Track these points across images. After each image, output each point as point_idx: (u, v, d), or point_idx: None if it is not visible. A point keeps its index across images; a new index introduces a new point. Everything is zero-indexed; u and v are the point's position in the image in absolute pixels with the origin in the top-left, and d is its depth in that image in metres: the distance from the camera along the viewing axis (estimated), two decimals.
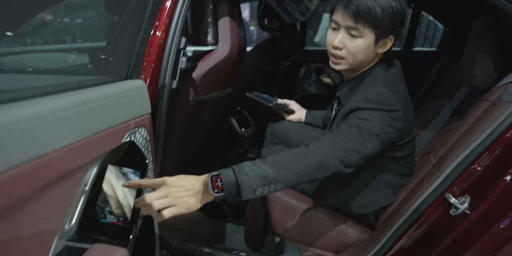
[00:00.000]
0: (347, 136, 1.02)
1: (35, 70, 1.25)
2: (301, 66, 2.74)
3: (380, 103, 1.05)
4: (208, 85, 1.42)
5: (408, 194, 1.15)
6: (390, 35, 1.11)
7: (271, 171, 0.92)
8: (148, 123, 0.98)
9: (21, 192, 0.58)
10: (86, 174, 0.77)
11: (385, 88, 1.08)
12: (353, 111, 1.07)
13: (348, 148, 1.00)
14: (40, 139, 0.60)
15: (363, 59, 1.13)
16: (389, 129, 1.06)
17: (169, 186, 0.87)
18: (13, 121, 0.56)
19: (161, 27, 1.10)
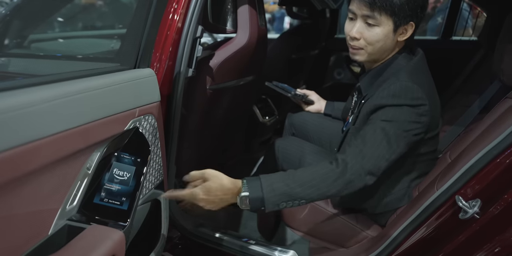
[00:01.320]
0: (374, 144, 0.99)
1: (57, 56, 1.31)
2: (331, 55, 2.67)
3: (405, 98, 1.02)
4: (226, 73, 1.42)
5: (420, 193, 1.10)
6: (410, 21, 1.06)
7: (298, 189, 0.95)
8: (156, 111, 1.01)
9: (25, 168, 0.62)
10: (89, 158, 0.81)
11: (410, 82, 1.04)
12: (377, 108, 1.04)
13: (376, 157, 0.99)
14: (35, 124, 0.63)
15: (382, 48, 1.09)
16: (415, 126, 1.02)
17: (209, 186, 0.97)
18: (17, 106, 0.60)
19: (179, 11, 1.11)
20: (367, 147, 0.99)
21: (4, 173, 0.57)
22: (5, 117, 0.57)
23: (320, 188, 0.95)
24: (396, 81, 1.05)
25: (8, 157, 0.57)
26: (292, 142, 1.47)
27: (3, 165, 0.57)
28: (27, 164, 0.61)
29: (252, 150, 2.13)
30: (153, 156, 1.03)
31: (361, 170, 0.97)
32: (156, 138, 1.04)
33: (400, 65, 1.11)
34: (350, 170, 0.97)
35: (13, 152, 0.57)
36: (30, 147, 0.60)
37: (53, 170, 0.69)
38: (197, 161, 1.59)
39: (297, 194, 0.95)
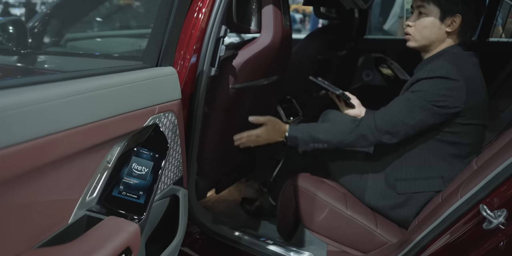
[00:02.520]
0: (395, 109, 1.14)
1: (87, 54, 1.37)
2: (360, 56, 2.61)
3: (439, 72, 1.10)
4: (249, 73, 1.43)
5: (443, 200, 1.06)
6: (457, 13, 1.15)
7: (321, 135, 1.23)
8: (177, 108, 1.03)
9: (45, 159, 0.65)
10: (109, 152, 0.84)
11: (447, 61, 1.12)
12: (413, 83, 1.15)
13: (392, 118, 1.13)
14: (59, 116, 0.66)
15: (429, 36, 1.20)
16: (441, 98, 1.09)
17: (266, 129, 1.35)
18: (39, 99, 0.63)
19: (203, 10, 1.13)
20: (388, 110, 1.15)
21: (24, 163, 0.60)
22: (29, 109, 0.60)
23: (337, 136, 1.21)
24: (436, 60, 1.15)
25: (29, 147, 0.60)
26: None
27: (24, 156, 0.60)
28: (47, 154, 0.64)
29: (275, 150, 2.12)
30: (172, 153, 1.05)
31: (373, 127, 1.15)
32: (176, 135, 1.06)
33: (449, 53, 1.19)
34: (364, 126, 1.17)
35: (34, 143, 0.60)
36: (50, 139, 0.63)
37: (73, 162, 0.72)
38: (219, 159, 1.61)
39: (320, 139, 1.23)
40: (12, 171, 0.58)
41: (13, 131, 0.57)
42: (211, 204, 1.91)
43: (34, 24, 1.56)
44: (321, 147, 1.26)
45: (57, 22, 1.65)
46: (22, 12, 5.57)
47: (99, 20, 2.27)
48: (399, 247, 1.13)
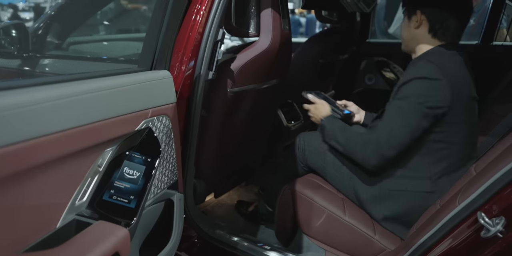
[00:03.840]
0: (393, 125, 1.15)
1: (85, 57, 1.37)
2: (363, 59, 2.60)
3: (419, 73, 1.13)
4: (247, 76, 1.42)
5: (442, 207, 1.04)
6: (417, 9, 1.21)
7: (341, 140, 1.28)
8: (171, 112, 1.02)
9: (31, 162, 0.65)
10: (101, 156, 0.84)
11: (429, 62, 1.14)
12: (399, 87, 1.18)
13: (397, 136, 1.14)
14: (50, 118, 0.66)
15: (405, 37, 1.28)
16: (427, 99, 1.11)
17: (316, 109, 1.46)
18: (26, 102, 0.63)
19: (201, 11, 1.13)
20: (386, 128, 1.16)
21: (10, 165, 0.59)
22: (16, 112, 0.60)
23: (350, 148, 1.25)
24: (418, 62, 1.18)
25: (16, 150, 0.60)
26: (316, 134, 1.50)
27: (10, 158, 0.59)
28: (35, 157, 0.63)
29: (276, 154, 2.11)
30: (166, 156, 1.04)
31: (380, 151, 1.16)
32: (171, 139, 1.05)
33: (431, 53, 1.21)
34: (372, 143, 1.17)
35: (21, 146, 0.60)
36: (38, 141, 0.63)
37: (62, 165, 0.72)
38: (218, 163, 1.60)
39: (339, 141, 1.28)
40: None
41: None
42: (210, 208, 1.90)
43: (38, 27, 1.57)
44: (335, 147, 1.31)
45: (57, 26, 1.66)
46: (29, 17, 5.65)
47: (100, 24, 2.29)
48: (397, 254, 1.11)
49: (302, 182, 1.42)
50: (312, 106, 1.48)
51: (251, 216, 1.79)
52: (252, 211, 1.82)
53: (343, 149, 1.27)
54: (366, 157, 1.19)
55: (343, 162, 1.40)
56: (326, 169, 1.43)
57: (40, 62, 1.43)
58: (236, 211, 1.86)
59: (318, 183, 1.43)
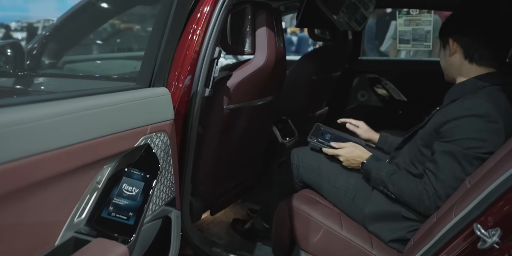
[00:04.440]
0: (449, 171, 1.10)
1: (83, 75, 1.39)
2: (355, 76, 2.65)
3: (477, 111, 1.08)
4: (243, 93, 1.45)
5: (438, 220, 1.05)
6: (449, 37, 1.21)
7: (391, 187, 1.22)
8: (169, 129, 1.03)
9: (31, 179, 0.65)
10: (99, 173, 0.84)
11: (485, 100, 1.09)
12: (449, 120, 1.11)
13: (448, 183, 1.10)
14: (50, 135, 0.67)
15: (443, 65, 1.28)
16: (477, 144, 1.06)
17: (351, 152, 1.37)
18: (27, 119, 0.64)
19: (197, 32, 1.16)
20: (441, 174, 1.11)
21: (10, 182, 0.60)
22: (16, 129, 0.61)
23: (403, 195, 1.19)
24: (473, 97, 1.12)
25: (16, 167, 0.60)
26: (309, 150, 1.51)
27: (10, 175, 0.60)
28: (35, 174, 0.64)
29: (271, 171, 2.12)
30: (165, 173, 1.04)
31: (436, 197, 1.11)
32: (169, 155, 1.06)
33: (480, 85, 1.16)
34: (428, 197, 1.13)
35: (21, 163, 0.60)
36: (38, 158, 0.63)
37: (61, 182, 0.72)
38: (214, 180, 1.60)
39: (389, 188, 1.23)
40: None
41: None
42: (206, 226, 1.88)
43: (33, 47, 1.59)
44: (385, 192, 1.26)
45: (53, 45, 1.68)
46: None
47: (94, 43, 2.33)
48: None
49: (299, 198, 1.42)
50: (343, 151, 1.38)
51: (248, 233, 1.77)
52: (248, 228, 1.81)
53: (394, 197, 1.22)
54: (425, 209, 1.14)
55: (337, 178, 1.41)
56: (322, 185, 1.43)
57: (38, 80, 1.44)
58: (232, 229, 1.84)
59: (315, 199, 1.43)
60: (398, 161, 1.32)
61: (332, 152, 1.41)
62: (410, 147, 1.30)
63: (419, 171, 1.22)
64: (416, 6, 2.16)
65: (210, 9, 1.19)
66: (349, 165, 1.39)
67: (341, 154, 1.38)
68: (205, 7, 1.19)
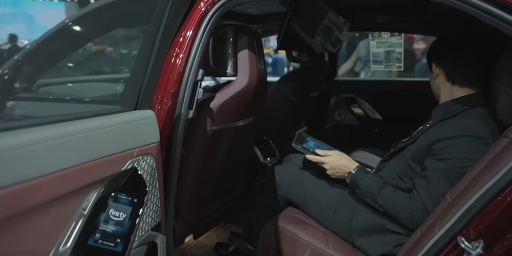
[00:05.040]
0: (439, 187, 1.13)
1: (63, 99, 1.36)
2: (332, 96, 2.73)
3: (472, 131, 1.12)
4: (226, 115, 1.46)
5: (422, 235, 1.07)
6: (434, 63, 1.29)
7: (380, 201, 1.23)
8: (155, 151, 1.02)
9: (15, 209, 0.62)
10: (86, 198, 0.82)
11: (479, 121, 1.14)
12: (443, 139, 1.15)
13: (437, 198, 1.13)
14: (36, 162, 0.65)
15: (432, 88, 1.35)
16: (469, 163, 1.10)
17: (337, 160, 1.35)
18: (14, 146, 0.62)
19: (180, 55, 1.17)
20: (432, 190, 1.14)
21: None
22: (3, 156, 0.59)
23: (393, 210, 1.21)
24: (465, 117, 1.17)
25: (5, 194, 0.58)
26: (292, 166, 1.54)
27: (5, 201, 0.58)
28: (23, 202, 0.62)
29: (253, 192, 2.11)
30: (151, 197, 1.03)
31: (425, 211, 1.14)
32: (155, 179, 1.04)
33: (467, 105, 1.21)
34: (418, 211, 1.16)
35: (10, 190, 0.58)
36: (26, 185, 0.61)
37: (48, 210, 0.70)
38: (197, 203, 1.58)
39: (378, 202, 1.24)
40: None
41: None
42: (189, 250, 1.84)
43: (4, 71, 1.55)
44: (372, 204, 1.27)
45: (28, 69, 1.66)
46: None
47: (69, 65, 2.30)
48: None
49: (284, 218, 1.42)
50: (328, 159, 1.36)
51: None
52: (232, 251, 1.78)
53: (383, 210, 1.24)
54: (414, 224, 1.16)
55: (318, 190, 1.42)
56: (305, 199, 1.44)
57: (11, 105, 1.40)
58: (215, 253, 1.80)
59: (300, 218, 1.44)
60: (384, 174, 1.34)
61: (317, 159, 1.38)
62: (397, 161, 1.32)
63: (407, 185, 1.25)
64: (387, 29, 2.28)
65: (192, 33, 1.21)
66: (333, 174, 1.36)
67: (327, 161, 1.35)
68: (187, 31, 1.21)
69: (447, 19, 1.87)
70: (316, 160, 1.38)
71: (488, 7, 0.96)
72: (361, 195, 1.30)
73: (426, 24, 2.12)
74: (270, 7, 2.17)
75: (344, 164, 1.34)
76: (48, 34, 1.53)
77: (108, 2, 1.49)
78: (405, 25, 2.27)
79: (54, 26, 1.54)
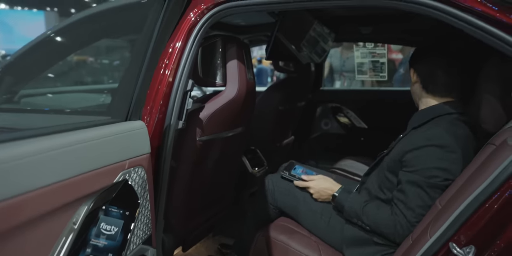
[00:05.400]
0: (417, 200, 1.14)
1: (49, 110, 1.33)
2: (318, 106, 2.76)
3: (437, 141, 1.14)
4: (215, 125, 1.45)
5: (413, 242, 1.08)
6: (411, 67, 1.32)
7: (365, 219, 1.25)
8: (146, 163, 1.01)
9: (2, 226, 0.60)
10: (76, 212, 0.79)
11: (445, 130, 1.16)
12: (412, 149, 1.17)
13: (417, 211, 1.14)
14: (25, 176, 0.63)
15: (411, 93, 1.37)
16: (441, 173, 1.11)
17: (320, 184, 1.41)
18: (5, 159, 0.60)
19: (170, 66, 1.17)
20: (410, 203, 1.15)
21: None
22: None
23: (379, 226, 1.22)
24: (434, 126, 1.19)
25: None
26: None
27: None
28: (9, 219, 0.59)
29: (242, 201, 2.09)
30: (142, 209, 1.00)
31: (409, 225, 1.15)
32: (146, 191, 1.02)
33: (439, 112, 1.24)
34: (401, 226, 1.16)
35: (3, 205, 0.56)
36: (13, 202, 0.59)
37: (37, 226, 0.67)
38: (186, 213, 1.56)
39: (363, 221, 1.25)
40: None
41: None
42: None
43: None
44: (359, 224, 1.27)
45: (11, 79, 1.62)
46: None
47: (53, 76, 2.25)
48: None
49: (275, 228, 1.41)
50: (312, 183, 1.42)
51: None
52: None
53: (369, 228, 1.25)
54: (400, 238, 1.18)
55: (312, 200, 1.42)
56: (298, 207, 1.44)
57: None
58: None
59: (292, 228, 1.43)
60: (368, 186, 1.36)
61: (303, 184, 1.44)
62: (377, 172, 1.35)
63: (387, 197, 1.26)
64: (372, 40, 2.33)
65: (182, 44, 1.21)
66: (319, 198, 1.41)
67: (311, 186, 1.41)
68: (176, 42, 1.21)
69: (431, 30, 1.93)
70: (302, 185, 1.44)
71: (468, 18, 0.99)
72: (347, 216, 1.31)
73: (411, 35, 2.18)
74: (256, 18, 2.19)
75: (327, 187, 1.39)
76: (30, 45, 1.51)
77: (90, 14, 1.48)
78: (389, 35, 2.33)
79: (36, 37, 1.52)
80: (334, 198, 1.36)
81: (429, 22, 1.79)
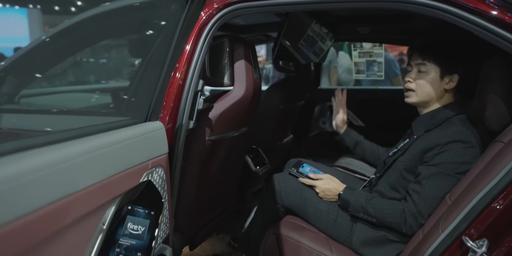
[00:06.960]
0: (427, 190, 1.18)
1: (60, 110, 1.32)
2: (316, 105, 2.79)
3: (459, 136, 1.18)
4: (224, 125, 1.47)
5: (424, 236, 1.12)
6: (455, 73, 1.30)
7: (372, 211, 1.28)
8: (165, 163, 1.02)
9: (42, 233, 0.61)
10: (105, 213, 0.80)
11: (464, 128, 1.21)
12: (433, 147, 1.21)
13: (431, 203, 1.18)
14: (59, 183, 0.63)
15: (430, 92, 1.32)
16: (461, 167, 1.16)
17: (326, 184, 1.43)
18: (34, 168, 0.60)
19: (181, 69, 1.18)
20: (425, 194, 1.18)
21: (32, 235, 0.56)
22: (35, 177, 0.57)
23: (386, 217, 1.25)
24: (451, 125, 1.23)
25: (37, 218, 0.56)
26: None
27: (33, 225, 0.56)
28: (57, 221, 0.60)
29: (246, 200, 2.11)
30: (163, 209, 1.01)
31: (418, 215, 1.19)
32: (165, 190, 1.03)
33: (450, 114, 1.27)
34: (409, 217, 1.19)
35: (43, 211, 0.57)
36: (61, 203, 0.60)
37: (75, 228, 0.68)
38: (194, 212, 1.57)
39: (370, 213, 1.28)
40: (27, 243, 0.54)
41: (27, 198, 0.54)
42: None
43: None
44: (365, 218, 1.30)
45: (14, 79, 1.60)
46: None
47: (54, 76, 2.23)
48: None
49: (285, 225, 1.43)
50: (319, 183, 1.45)
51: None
52: None
53: (376, 221, 1.27)
54: (408, 228, 1.20)
55: (319, 200, 1.45)
56: (305, 207, 1.46)
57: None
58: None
59: (300, 225, 1.46)
60: (379, 188, 1.39)
61: (309, 182, 1.47)
62: (389, 173, 1.37)
63: (402, 195, 1.29)
64: (370, 40, 2.37)
65: (191, 47, 1.21)
66: (324, 197, 1.44)
67: (317, 185, 1.44)
68: (186, 45, 1.21)
69: (430, 31, 1.97)
70: (308, 183, 1.47)
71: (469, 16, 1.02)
72: (353, 211, 1.34)
73: (410, 35, 2.23)
74: (256, 18, 2.21)
75: (333, 187, 1.42)
76: (30, 46, 1.49)
77: (93, 14, 1.47)
78: (388, 35, 2.37)
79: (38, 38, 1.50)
80: (339, 196, 1.39)
81: (428, 22, 1.84)
